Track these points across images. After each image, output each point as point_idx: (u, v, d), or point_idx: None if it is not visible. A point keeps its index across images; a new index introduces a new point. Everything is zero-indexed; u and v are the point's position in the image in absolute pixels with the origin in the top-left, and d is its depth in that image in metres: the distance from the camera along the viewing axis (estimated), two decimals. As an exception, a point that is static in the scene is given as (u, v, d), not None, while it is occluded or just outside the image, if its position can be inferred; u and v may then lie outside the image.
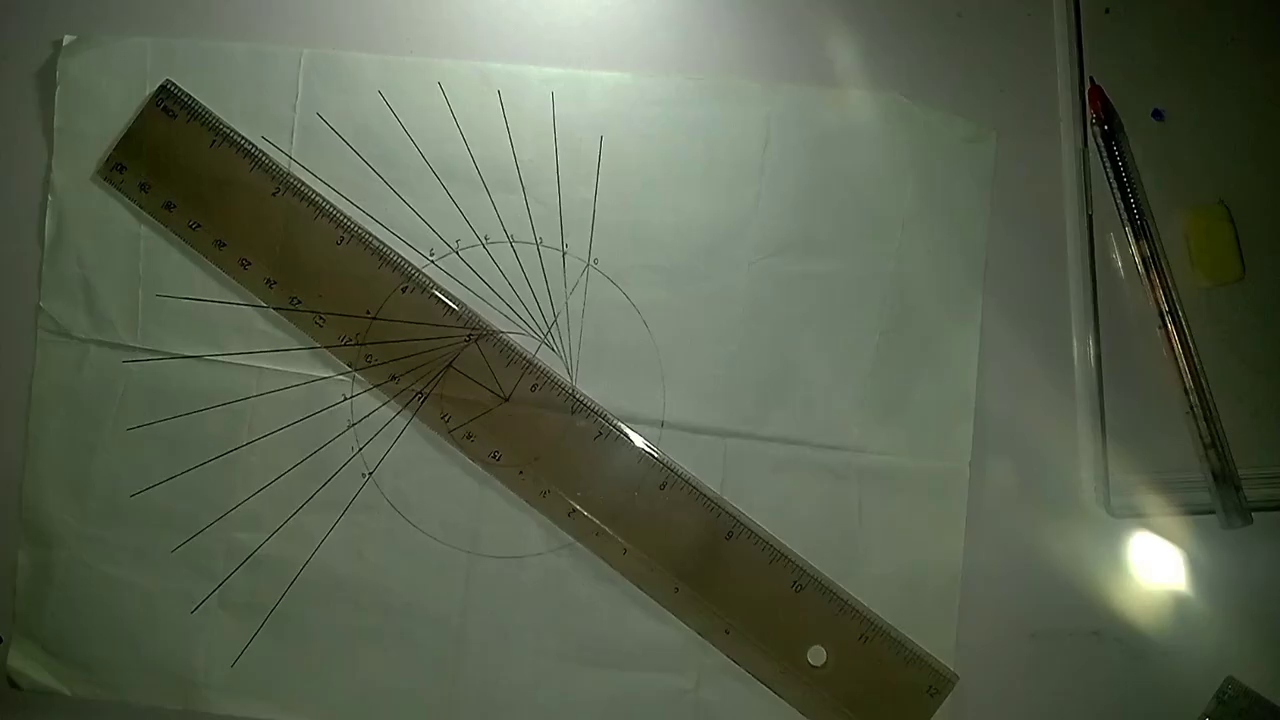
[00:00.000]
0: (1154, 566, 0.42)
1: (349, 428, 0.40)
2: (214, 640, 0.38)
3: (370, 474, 0.41)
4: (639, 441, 0.41)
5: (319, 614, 0.39)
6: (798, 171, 0.42)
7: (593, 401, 0.41)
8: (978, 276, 0.42)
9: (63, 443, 0.41)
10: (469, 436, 0.41)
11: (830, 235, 0.42)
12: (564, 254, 0.41)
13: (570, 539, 0.41)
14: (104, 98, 0.42)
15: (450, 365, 0.41)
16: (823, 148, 0.42)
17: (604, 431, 0.41)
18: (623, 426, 0.41)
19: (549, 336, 0.41)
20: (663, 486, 0.41)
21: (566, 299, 0.41)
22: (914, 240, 0.42)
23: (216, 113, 0.41)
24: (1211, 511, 0.41)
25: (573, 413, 0.41)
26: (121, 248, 0.41)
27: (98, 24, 0.42)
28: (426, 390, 0.41)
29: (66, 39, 0.42)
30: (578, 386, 0.41)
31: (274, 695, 0.41)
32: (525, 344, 0.41)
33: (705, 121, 0.42)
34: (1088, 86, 0.42)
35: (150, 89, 0.41)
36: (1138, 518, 0.41)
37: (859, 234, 0.42)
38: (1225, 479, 0.41)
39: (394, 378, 0.41)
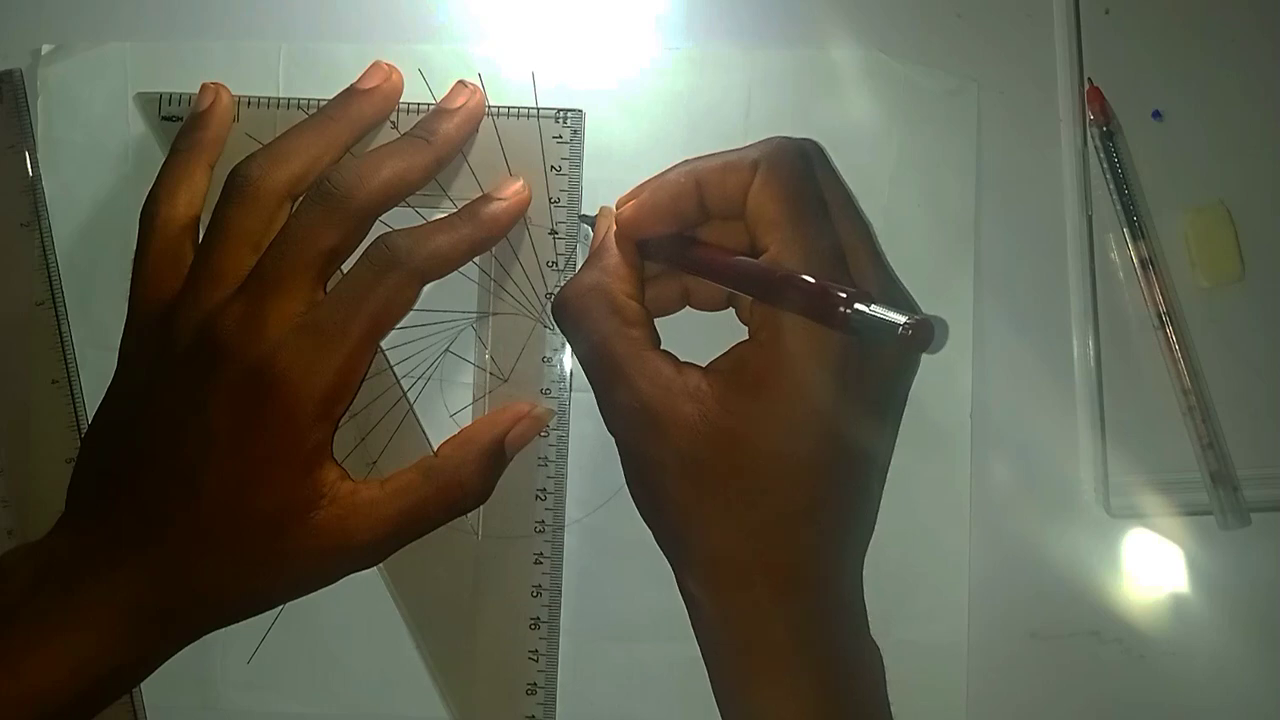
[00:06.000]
0: (1153, 566, 0.42)
1: (350, 418, 0.41)
2: (229, 636, 0.38)
3: (374, 463, 0.41)
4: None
5: (331, 604, 0.39)
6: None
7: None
8: (969, 234, 0.42)
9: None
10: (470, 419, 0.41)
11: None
12: (553, 233, 0.41)
13: (575, 516, 0.41)
14: (87, 105, 0.42)
15: (448, 349, 0.41)
16: (805, 110, 0.42)
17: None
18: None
19: (544, 315, 0.41)
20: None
21: (560, 276, 0.41)
22: (902, 195, 0.42)
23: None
24: (1210, 512, 0.41)
25: (570, 390, 0.41)
26: (115, 254, 0.41)
27: (75, 32, 0.42)
28: (425, 375, 0.41)
29: (45, 48, 0.41)
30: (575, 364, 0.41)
31: (290, 688, 0.41)
32: (522, 324, 0.41)
33: (686, 92, 0.42)
34: (1087, 87, 0.42)
35: (132, 93, 0.41)
36: (1137, 518, 0.42)
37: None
38: (1223, 479, 0.41)
39: (392, 364, 0.41)
